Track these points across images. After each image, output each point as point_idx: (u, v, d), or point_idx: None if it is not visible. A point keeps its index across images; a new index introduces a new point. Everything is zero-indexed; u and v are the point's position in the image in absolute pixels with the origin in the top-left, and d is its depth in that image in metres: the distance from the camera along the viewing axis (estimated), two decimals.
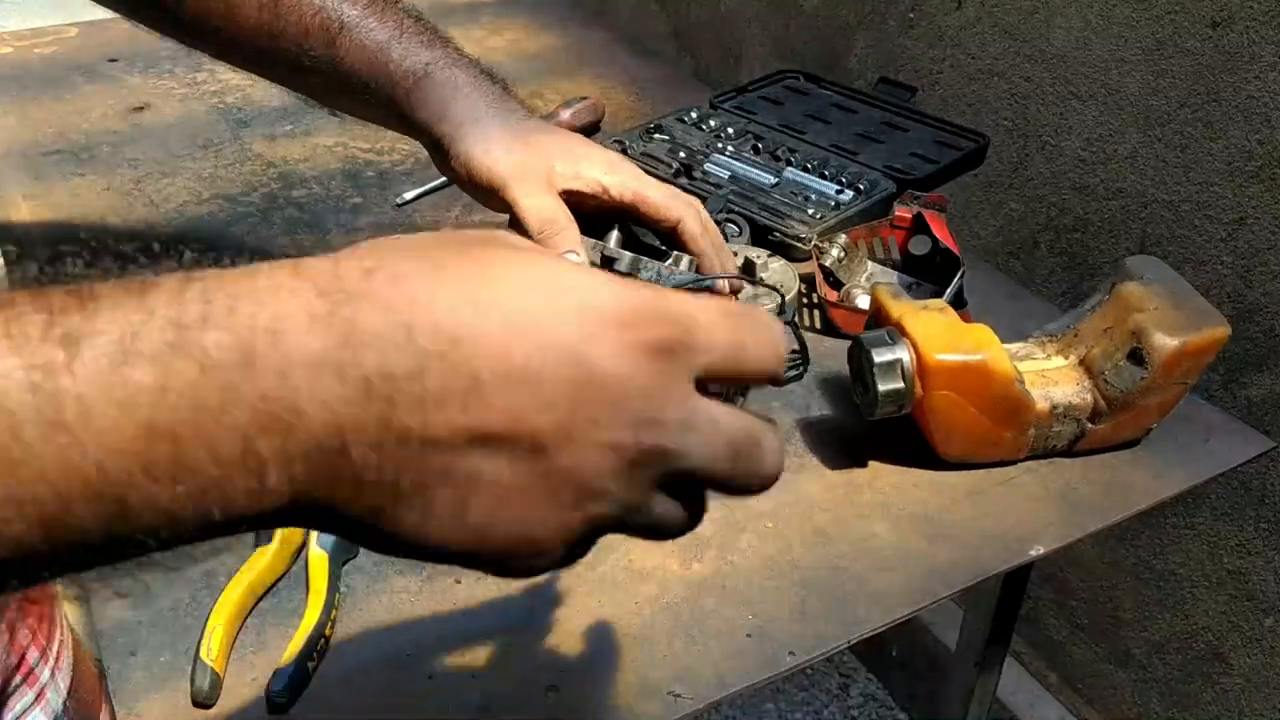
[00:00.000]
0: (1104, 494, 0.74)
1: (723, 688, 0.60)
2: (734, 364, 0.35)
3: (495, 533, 0.33)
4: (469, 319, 0.32)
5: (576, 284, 0.34)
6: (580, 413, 0.33)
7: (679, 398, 0.34)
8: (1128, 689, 1.34)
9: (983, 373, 0.70)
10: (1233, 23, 0.98)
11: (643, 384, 0.33)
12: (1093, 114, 1.15)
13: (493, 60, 1.42)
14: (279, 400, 0.29)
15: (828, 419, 0.80)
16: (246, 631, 0.62)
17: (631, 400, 0.33)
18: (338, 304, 0.30)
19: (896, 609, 0.65)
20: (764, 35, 1.65)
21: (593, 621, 0.63)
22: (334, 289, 0.30)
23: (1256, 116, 0.99)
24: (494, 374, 0.31)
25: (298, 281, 0.30)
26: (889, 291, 0.76)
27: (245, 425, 0.28)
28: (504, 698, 0.59)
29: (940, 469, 0.75)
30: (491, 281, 0.33)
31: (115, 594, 0.61)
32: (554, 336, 0.33)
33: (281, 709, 0.57)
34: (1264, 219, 1.01)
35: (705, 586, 0.66)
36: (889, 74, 1.28)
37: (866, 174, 1.04)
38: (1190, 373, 0.73)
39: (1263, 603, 1.13)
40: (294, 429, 0.29)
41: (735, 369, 0.36)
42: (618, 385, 0.33)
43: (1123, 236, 1.15)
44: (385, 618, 0.63)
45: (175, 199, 1.06)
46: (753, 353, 0.36)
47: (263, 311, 0.29)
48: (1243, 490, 1.10)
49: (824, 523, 0.71)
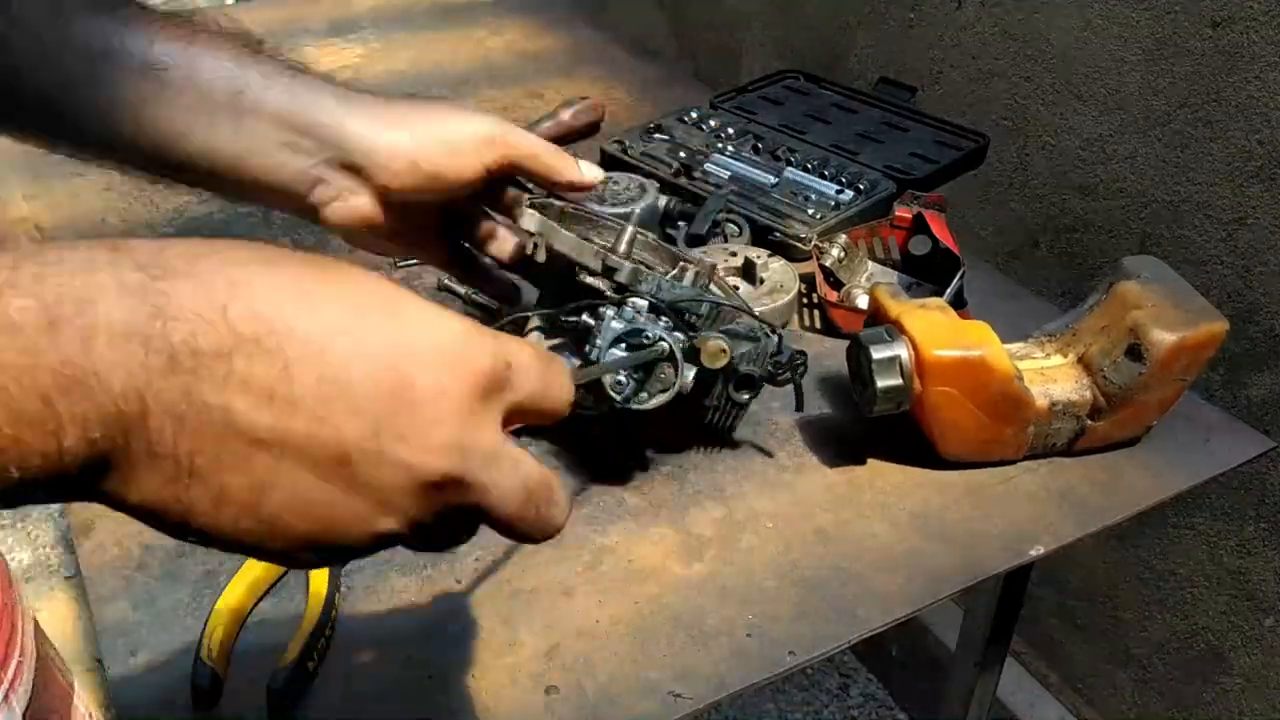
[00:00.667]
0: (1104, 494, 0.74)
1: (723, 688, 0.60)
2: (536, 405, 0.38)
3: (287, 530, 0.33)
4: (291, 312, 0.32)
5: (414, 309, 0.35)
6: (389, 426, 0.33)
7: (489, 432, 0.36)
8: (1128, 689, 1.34)
9: (981, 369, 0.70)
10: (1233, 23, 0.98)
11: (457, 411, 0.34)
12: (1093, 114, 1.15)
13: (492, 60, 1.44)
14: (79, 365, 0.29)
15: (827, 418, 0.80)
16: (247, 631, 0.62)
17: (444, 424, 0.34)
18: (154, 278, 0.30)
19: (896, 609, 0.65)
20: (764, 35, 1.65)
21: (593, 621, 0.63)
22: (153, 264, 0.30)
23: (1256, 116, 0.99)
24: (305, 369, 0.32)
25: (115, 255, 0.30)
26: (888, 291, 0.76)
27: (45, 387, 0.28)
28: (504, 698, 0.59)
29: (940, 468, 0.75)
30: (326, 286, 0.34)
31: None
32: (378, 347, 0.33)
33: (282, 709, 0.57)
34: (1264, 219, 1.01)
35: (705, 586, 0.66)
36: (889, 74, 1.28)
37: (866, 174, 1.04)
38: (1189, 369, 0.73)
39: (1263, 603, 1.13)
40: (93, 392, 0.29)
41: (536, 408, 0.38)
42: (433, 407, 0.34)
43: (1123, 236, 1.15)
44: (385, 618, 0.63)
45: (175, 199, 1.06)
46: (553, 394, 0.38)
47: (73, 280, 0.29)
48: (1243, 490, 1.10)
49: (824, 523, 0.71)
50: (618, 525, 0.70)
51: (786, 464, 0.76)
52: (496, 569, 0.67)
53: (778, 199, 1.01)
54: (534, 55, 1.46)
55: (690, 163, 1.07)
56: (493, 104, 1.27)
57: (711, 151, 1.09)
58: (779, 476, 0.75)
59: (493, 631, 0.63)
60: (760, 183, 1.04)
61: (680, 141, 1.12)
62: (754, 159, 1.08)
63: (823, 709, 1.68)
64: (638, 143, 1.11)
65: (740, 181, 1.04)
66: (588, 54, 1.45)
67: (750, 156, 1.08)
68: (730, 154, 1.08)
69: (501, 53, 1.47)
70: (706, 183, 1.04)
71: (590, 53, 1.45)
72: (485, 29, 1.54)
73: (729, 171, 1.06)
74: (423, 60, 1.43)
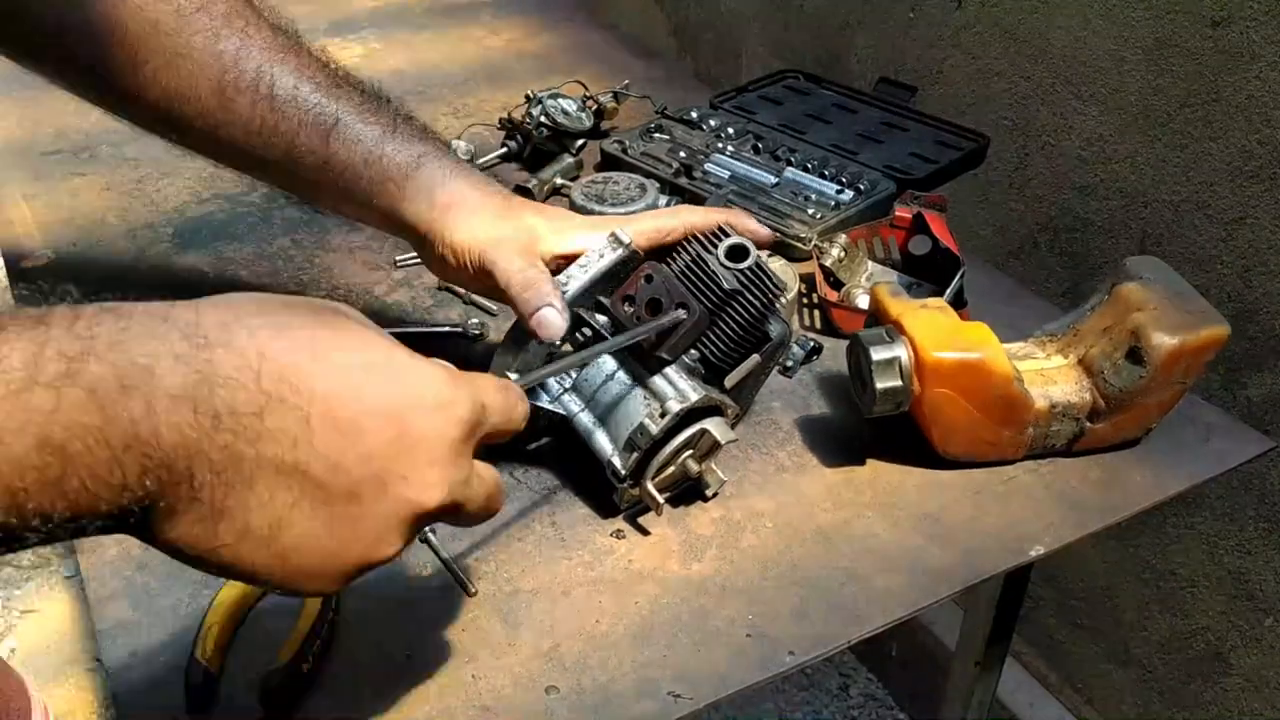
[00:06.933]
0: (1104, 494, 0.74)
1: (723, 688, 0.60)
2: (502, 428, 0.47)
3: (296, 560, 0.39)
4: (309, 372, 0.38)
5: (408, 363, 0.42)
6: (396, 467, 0.40)
7: (467, 461, 0.44)
8: (1128, 689, 1.34)
9: (980, 370, 0.70)
10: (1233, 22, 0.98)
11: (449, 452, 0.42)
12: (1093, 114, 1.15)
13: (493, 60, 1.44)
14: (143, 424, 0.34)
15: (827, 418, 0.80)
16: (245, 631, 0.62)
17: (438, 465, 0.41)
18: (198, 348, 0.36)
19: (896, 609, 0.65)
20: (764, 35, 1.65)
21: (593, 621, 0.63)
22: (195, 335, 0.37)
23: (1256, 116, 0.99)
24: (323, 422, 0.38)
25: (166, 327, 0.36)
26: (888, 290, 0.76)
27: (116, 445, 0.34)
28: (504, 698, 0.59)
29: (940, 468, 0.75)
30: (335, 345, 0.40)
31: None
32: (382, 401, 0.40)
33: (276, 710, 0.57)
34: (1264, 219, 1.01)
35: (705, 586, 0.66)
36: (889, 74, 1.28)
37: (866, 174, 1.04)
38: (1189, 372, 0.73)
39: (1263, 603, 1.13)
40: (153, 449, 0.34)
41: (502, 430, 0.47)
42: (428, 450, 0.41)
43: (1123, 236, 1.15)
44: (384, 618, 0.63)
45: (175, 199, 1.06)
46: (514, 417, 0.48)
47: (138, 348, 0.35)
48: (1243, 490, 1.10)
49: (824, 523, 0.71)
50: (617, 525, 0.70)
51: (786, 464, 0.76)
52: (496, 569, 0.67)
53: (778, 199, 1.01)
54: (534, 55, 1.46)
55: (690, 163, 1.07)
56: (493, 104, 1.27)
57: (711, 151, 1.09)
58: (779, 476, 0.75)
59: (493, 631, 0.63)
60: (760, 183, 1.04)
61: (680, 141, 1.12)
62: (754, 159, 1.08)
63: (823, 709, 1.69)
64: (638, 143, 1.11)
65: (740, 181, 1.04)
66: (588, 54, 1.45)
67: (750, 156, 1.08)
68: (730, 154, 1.08)
69: (501, 52, 1.47)
70: (706, 182, 1.04)
71: (590, 52, 1.45)
72: (485, 29, 1.54)
73: (729, 171, 1.06)
74: (423, 60, 1.43)
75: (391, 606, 0.64)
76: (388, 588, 0.65)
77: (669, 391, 0.67)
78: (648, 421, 0.66)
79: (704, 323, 0.67)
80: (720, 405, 0.69)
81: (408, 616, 0.63)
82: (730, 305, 0.67)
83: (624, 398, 0.68)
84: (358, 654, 0.61)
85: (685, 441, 0.67)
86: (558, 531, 0.70)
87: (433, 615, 0.64)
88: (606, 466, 0.68)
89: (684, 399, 0.66)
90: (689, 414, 0.67)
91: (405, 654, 0.61)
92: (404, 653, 0.61)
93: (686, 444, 0.68)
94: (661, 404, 0.66)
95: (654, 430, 0.65)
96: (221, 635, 0.60)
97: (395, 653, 0.61)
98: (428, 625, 0.63)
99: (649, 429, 0.65)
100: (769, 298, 0.68)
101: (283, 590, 0.41)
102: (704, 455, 0.70)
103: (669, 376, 0.68)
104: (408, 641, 0.62)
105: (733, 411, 0.71)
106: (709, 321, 0.68)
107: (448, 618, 0.63)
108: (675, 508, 0.72)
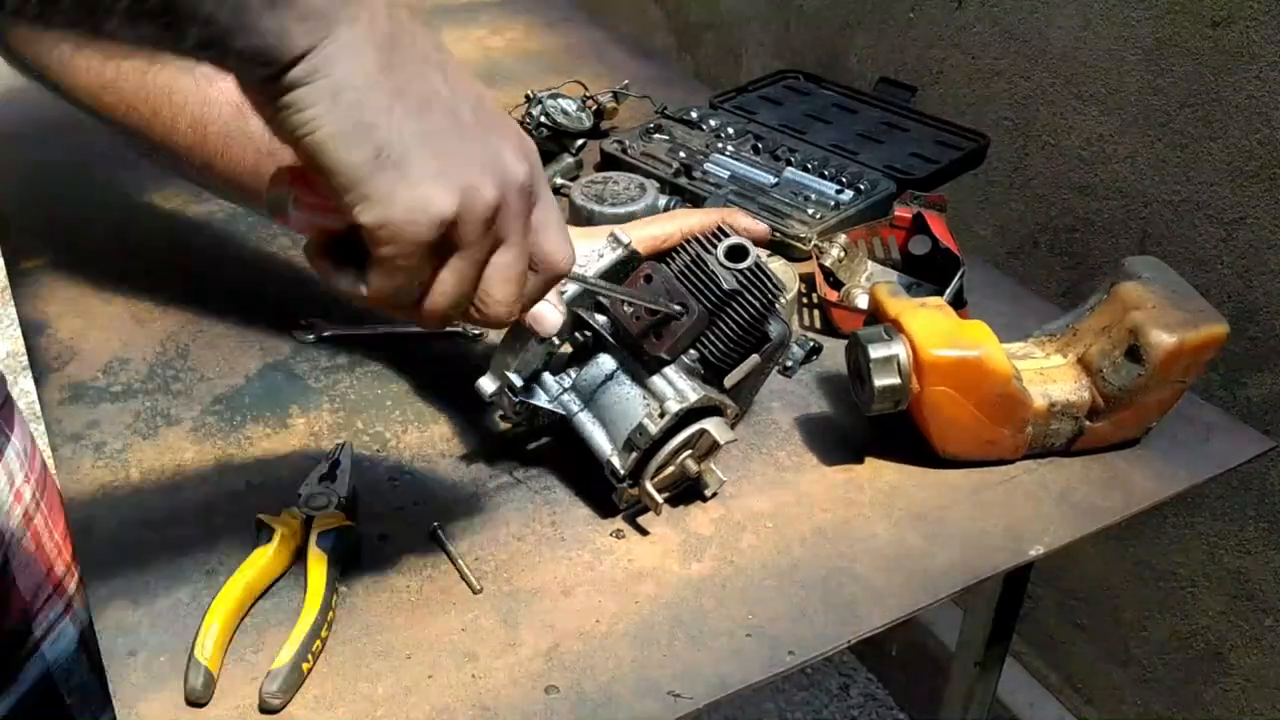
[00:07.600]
0: (1104, 494, 0.74)
1: (723, 687, 0.60)
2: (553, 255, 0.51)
3: (424, 149, 0.42)
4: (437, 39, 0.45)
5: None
6: (504, 119, 0.47)
7: (530, 207, 0.48)
8: (1128, 689, 1.34)
9: (979, 369, 0.70)
10: (1233, 23, 0.98)
11: (532, 168, 0.48)
12: (1093, 114, 1.15)
13: (492, 60, 1.44)
14: None
15: (827, 418, 0.80)
16: (245, 631, 0.62)
17: (529, 148, 0.48)
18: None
19: (896, 609, 0.65)
20: (764, 35, 1.65)
21: (592, 621, 0.63)
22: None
23: (1256, 116, 0.99)
24: (453, 66, 0.45)
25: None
26: (887, 290, 0.76)
27: None
28: (504, 697, 0.59)
29: (940, 467, 0.75)
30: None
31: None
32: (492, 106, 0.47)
33: (275, 709, 0.57)
34: (1264, 219, 1.01)
35: (705, 586, 0.66)
36: (889, 74, 1.28)
37: (866, 174, 1.04)
38: (1189, 371, 0.73)
39: (1263, 603, 1.13)
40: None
41: (551, 260, 0.51)
42: (520, 138, 0.48)
43: (1123, 236, 1.15)
44: (384, 618, 0.63)
45: (175, 198, 1.06)
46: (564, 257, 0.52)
47: None
48: (1243, 490, 1.10)
49: (824, 522, 0.71)
50: (617, 524, 0.70)
51: (786, 464, 0.76)
52: (496, 569, 0.67)
53: (778, 199, 1.01)
54: (534, 55, 1.46)
55: (690, 162, 1.07)
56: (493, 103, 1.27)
57: (711, 151, 1.09)
58: (779, 476, 0.75)
59: (493, 631, 0.63)
60: (760, 183, 1.04)
61: (680, 141, 1.12)
62: (754, 159, 1.08)
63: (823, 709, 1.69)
64: (637, 143, 1.11)
65: (740, 181, 1.04)
66: (588, 53, 1.45)
67: (750, 156, 1.08)
68: (730, 154, 1.08)
69: (501, 52, 1.47)
70: (706, 182, 1.04)
71: (590, 52, 1.45)
72: (485, 29, 1.54)
73: (729, 171, 1.06)
74: None
75: (392, 606, 0.64)
76: (388, 587, 0.65)
77: (668, 391, 0.67)
78: (647, 421, 0.66)
79: (703, 323, 0.67)
80: (720, 405, 0.69)
81: (408, 616, 0.63)
82: (730, 305, 0.67)
83: (623, 398, 0.68)
84: (358, 653, 0.61)
85: (684, 441, 0.67)
86: (558, 531, 0.70)
87: (433, 615, 0.64)
88: (606, 466, 0.68)
89: (683, 399, 0.66)
90: (688, 414, 0.67)
91: (405, 654, 0.61)
92: (404, 653, 0.61)
93: (686, 444, 0.68)
94: (661, 404, 0.66)
95: (653, 430, 0.65)
96: (222, 635, 0.60)
97: (395, 652, 0.61)
98: (428, 625, 0.63)
99: (648, 429, 0.65)
100: (769, 298, 0.68)
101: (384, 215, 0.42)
102: (703, 455, 0.70)
103: (668, 376, 0.68)
104: (408, 641, 0.62)
105: (732, 411, 0.71)
106: (708, 321, 0.68)
107: (448, 617, 0.63)
108: (675, 508, 0.72)
